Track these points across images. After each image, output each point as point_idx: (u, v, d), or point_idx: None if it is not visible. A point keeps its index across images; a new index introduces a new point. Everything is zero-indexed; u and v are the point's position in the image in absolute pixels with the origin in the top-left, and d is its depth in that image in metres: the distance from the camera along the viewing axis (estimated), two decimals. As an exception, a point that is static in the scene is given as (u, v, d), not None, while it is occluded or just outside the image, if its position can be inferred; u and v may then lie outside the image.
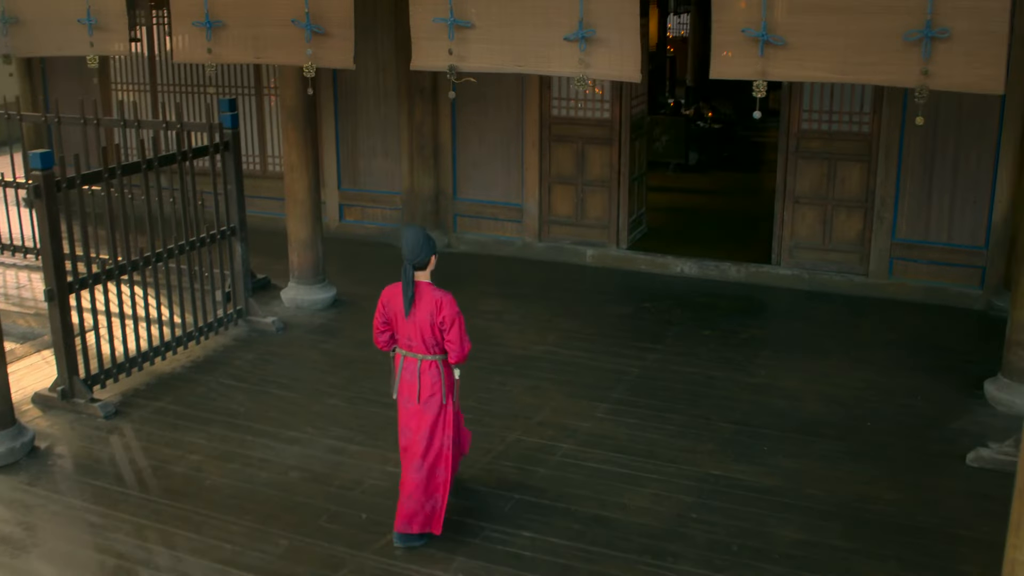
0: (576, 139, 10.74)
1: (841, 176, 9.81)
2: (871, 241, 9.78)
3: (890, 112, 9.43)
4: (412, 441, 5.40)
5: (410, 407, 5.40)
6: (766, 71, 6.00)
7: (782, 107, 9.92)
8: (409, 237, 5.24)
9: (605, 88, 10.53)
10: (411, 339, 5.32)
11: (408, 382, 5.39)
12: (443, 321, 5.24)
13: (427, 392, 5.36)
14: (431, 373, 5.35)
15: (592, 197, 10.83)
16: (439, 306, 5.23)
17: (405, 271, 5.22)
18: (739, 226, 12.13)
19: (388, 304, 5.37)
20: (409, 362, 5.38)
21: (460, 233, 11.43)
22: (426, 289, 5.28)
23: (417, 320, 5.26)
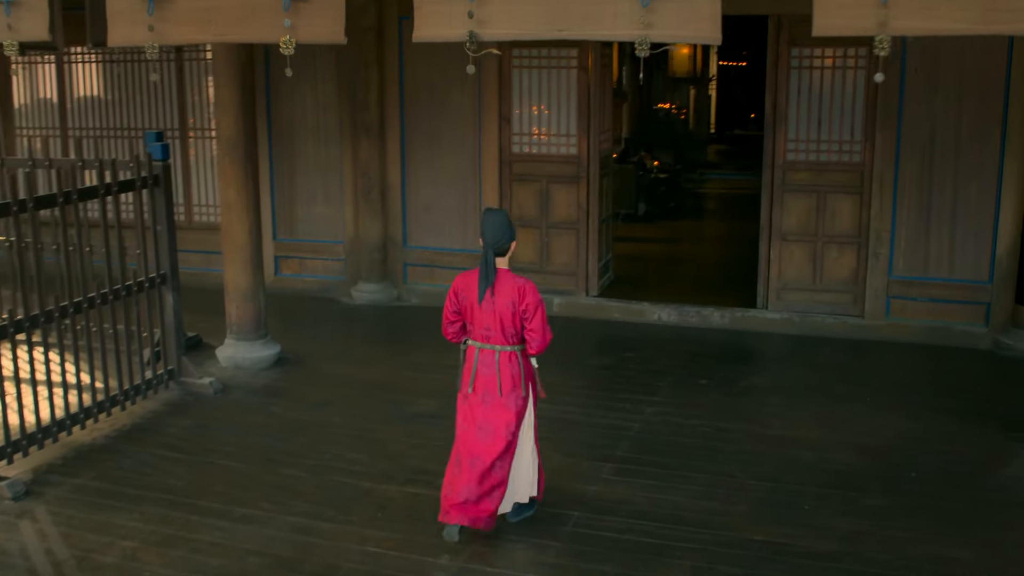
0: (539, 178, 9.85)
1: (832, 210, 9.08)
2: (866, 279, 9.03)
3: (883, 139, 8.76)
4: (495, 436, 5.16)
5: (490, 401, 5.18)
6: (888, 22, 4.94)
7: (765, 138, 9.18)
8: (492, 221, 5.05)
9: (571, 121, 9.69)
10: (489, 329, 5.11)
11: (487, 376, 5.17)
12: (526, 309, 5.05)
13: (508, 385, 5.16)
14: (511, 365, 5.16)
15: (558, 241, 9.91)
16: (522, 293, 5.04)
17: (486, 256, 5.02)
18: (711, 272, 11.42)
19: (461, 293, 5.17)
20: (486, 354, 5.16)
21: (411, 284, 10.37)
22: (506, 276, 5.08)
23: (497, 309, 5.05)
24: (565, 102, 9.67)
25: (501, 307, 5.05)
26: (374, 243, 10.23)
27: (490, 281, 5.01)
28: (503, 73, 9.70)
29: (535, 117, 9.77)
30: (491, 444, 5.15)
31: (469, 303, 5.14)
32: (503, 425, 5.15)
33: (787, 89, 8.99)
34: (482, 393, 5.18)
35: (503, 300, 5.04)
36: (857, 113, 8.88)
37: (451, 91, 9.87)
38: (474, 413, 5.19)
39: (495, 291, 5.03)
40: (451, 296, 5.22)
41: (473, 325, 5.17)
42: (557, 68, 9.63)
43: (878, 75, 5.05)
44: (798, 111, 9.02)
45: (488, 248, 5.02)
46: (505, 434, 5.16)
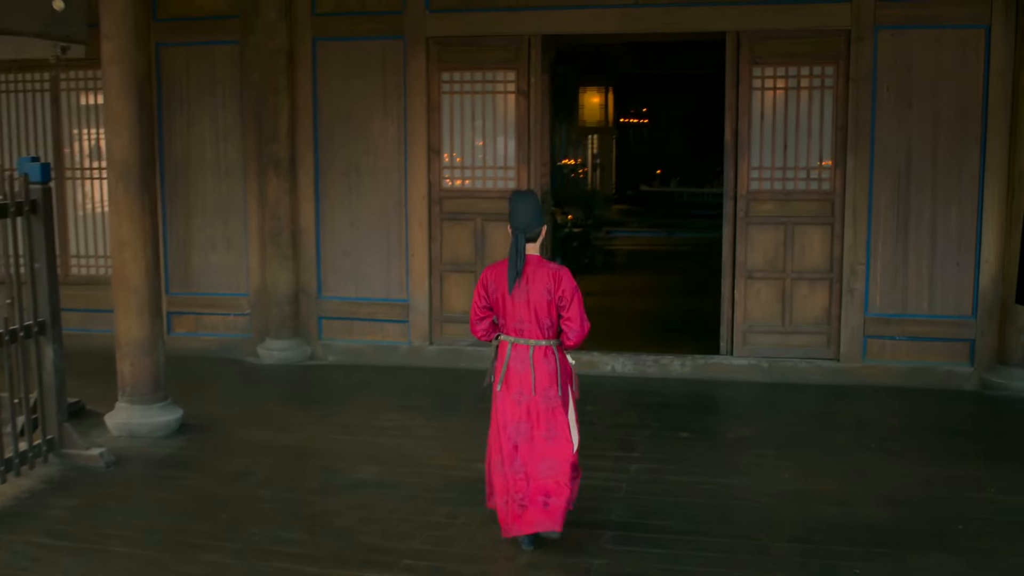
0: (474, 215, 8.79)
1: (800, 243, 8.28)
2: (840, 318, 8.22)
3: (855, 163, 8.03)
4: (532, 436, 4.84)
5: (524, 400, 4.83)
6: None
7: (726, 165, 8.36)
8: (522, 204, 4.80)
9: (509, 151, 8.70)
10: (522, 322, 4.80)
11: (520, 372, 4.82)
12: (563, 296, 4.74)
13: (544, 382, 4.82)
14: (547, 360, 4.83)
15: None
16: (557, 279, 4.74)
17: (516, 242, 4.72)
18: (653, 322, 10.53)
19: (492, 284, 4.85)
20: (519, 350, 4.83)
21: (328, 340, 9.12)
22: (538, 262, 4.80)
23: (531, 298, 4.75)
24: (502, 130, 8.69)
25: (535, 296, 4.74)
26: (284, 295, 8.96)
27: (520, 268, 4.71)
28: (432, 99, 8.68)
29: (469, 148, 8.76)
30: (533, 446, 4.85)
31: (500, 295, 4.83)
32: (543, 424, 4.85)
33: (748, 112, 8.22)
34: (515, 391, 4.85)
35: (537, 288, 4.73)
36: (826, 136, 8.15)
37: (372, 120, 8.78)
38: (511, 412, 4.88)
39: (527, 279, 4.73)
40: (479, 289, 4.91)
41: (505, 319, 4.86)
42: (493, 93, 8.67)
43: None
44: (761, 136, 8.24)
45: (518, 233, 4.74)
46: (548, 434, 4.84)
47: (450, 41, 8.62)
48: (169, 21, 8.93)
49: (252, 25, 8.74)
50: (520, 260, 4.74)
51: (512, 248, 4.76)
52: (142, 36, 6.64)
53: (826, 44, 8.06)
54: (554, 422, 4.84)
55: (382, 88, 8.73)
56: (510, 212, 4.81)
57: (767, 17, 8.05)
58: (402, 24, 8.59)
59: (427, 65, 8.63)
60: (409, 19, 8.57)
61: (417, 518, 5.45)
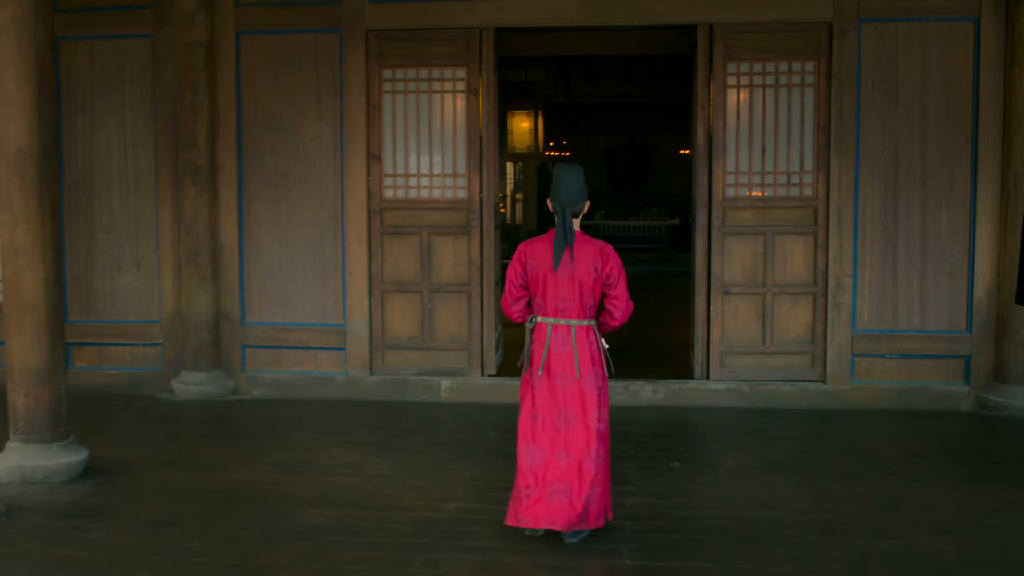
0: (419, 229, 7.88)
1: (782, 255, 7.59)
2: (826, 336, 7.53)
3: (839, 167, 7.40)
4: (580, 423, 4.59)
5: (569, 384, 4.59)
6: None
7: (697, 170, 7.64)
8: (568, 177, 4.54)
9: (459, 157, 7.83)
10: (565, 300, 4.57)
11: (561, 355, 4.59)
12: (611, 273, 4.56)
13: (587, 363, 4.61)
14: (590, 341, 4.63)
15: (444, 308, 7.91)
16: (604, 256, 4.54)
17: (564, 217, 4.47)
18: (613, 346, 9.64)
19: (531, 261, 4.57)
20: (560, 331, 4.60)
21: (253, 372, 8.05)
22: (583, 238, 4.56)
23: (577, 276, 4.52)
24: (451, 133, 7.83)
25: (582, 273, 4.52)
26: (202, 321, 7.88)
27: (569, 242, 4.45)
28: (372, 99, 7.78)
29: (413, 154, 7.86)
30: (577, 433, 4.59)
31: (542, 273, 4.57)
32: (587, 410, 4.60)
33: (723, 112, 7.53)
34: (558, 375, 4.60)
35: (583, 265, 4.52)
36: (807, 138, 7.50)
37: (304, 122, 7.83)
38: (552, 398, 4.61)
39: (574, 256, 4.49)
40: (515, 267, 4.63)
41: (545, 298, 4.61)
42: (441, 92, 7.81)
43: None
44: (737, 138, 7.56)
45: (564, 207, 4.49)
46: (591, 420, 4.60)
47: (393, 34, 7.75)
48: (70, 12, 7.85)
49: (167, 16, 7.73)
50: (570, 235, 4.47)
51: (559, 223, 4.49)
52: (42, 3, 5.60)
53: (806, 38, 7.45)
54: (600, 406, 4.63)
55: (316, 87, 7.79)
56: (554, 185, 4.55)
57: (742, 8, 7.41)
58: (339, 15, 7.69)
59: (367, 61, 7.74)
60: (347, 9, 7.68)
61: (389, 569, 4.48)
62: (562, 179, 4.54)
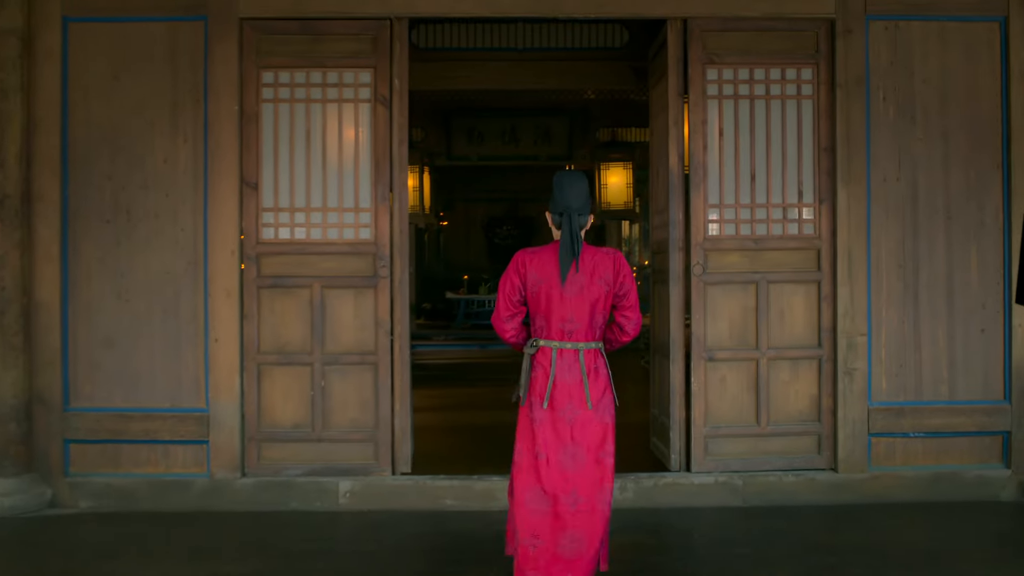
0: (310, 280, 5.97)
1: (778, 309, 6.00)
2: (836, 412, 5.95)
3: (848, 197, 5.93)
4: (591, 460, 3.97)
5: (577, 417, 3.98)
6: None
7: (670, 204, 6.02)
8: (571, 183, 4.02)
9: (362, 184, 5.99)
10: (572, 320, 3.98)
11: (569, 384, 3.99)
12: (623, 283, 4.02)
13: (598, 392, 4.02)
14: (599, 366, 4.04)
15: (343, 385, 5.98)
16: (616, 265, 4.01)
17: (571, 223, 3.96)
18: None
19: (533, 274, 3.99)
20: (566, 356, 4.00)
21: (80, 476, 5.90)
22: (588, 250, 4.01)
23: (588, 291, 3.97)
24: (352, 155, 6.01)
25: (593, 288, 3.97)
26: (9, 407, 5.72)
27: (577, 252, 3.94)
28: (247, 107, 5.91)
29: (302, 182, 5.99)
30: (588, 472, 3.97)
31: (544, 289, 3.98)
32: (598, 444, 4.00)
33: (703, 130, 5.97)
34: (564, 407, 3.98)
35: (595, 278, 3.98)
36: (806, 162, 6.01)
37: (155, 138, 5.89)
38: (557, 434, 3.98)
39: (583, 268, 3.96)
40: (512, 279, 4.02)
41: (549, 319, 4.00)
42: (339, 101, 5.99)
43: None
44: (721, 162, 6.00)
45: (571, 215, 3.97)
46: (604, 455, 4.01)
47: (276, 25, 5.94)
48: None
49: (-37, -7, 5.73)
50: (577, 244, 3.95)
51: (565, 231, 3.99)
52: None
53: (803, 39, 6.01)
54: (607, 440, 4.06)
55: (171, 91, 5.88)
56: (555, 193, 4.04)
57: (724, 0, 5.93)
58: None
59: (241, 59, 5.89)
60: (214, -10, 5.86)
61: None
62: (565, 184, 4.03)
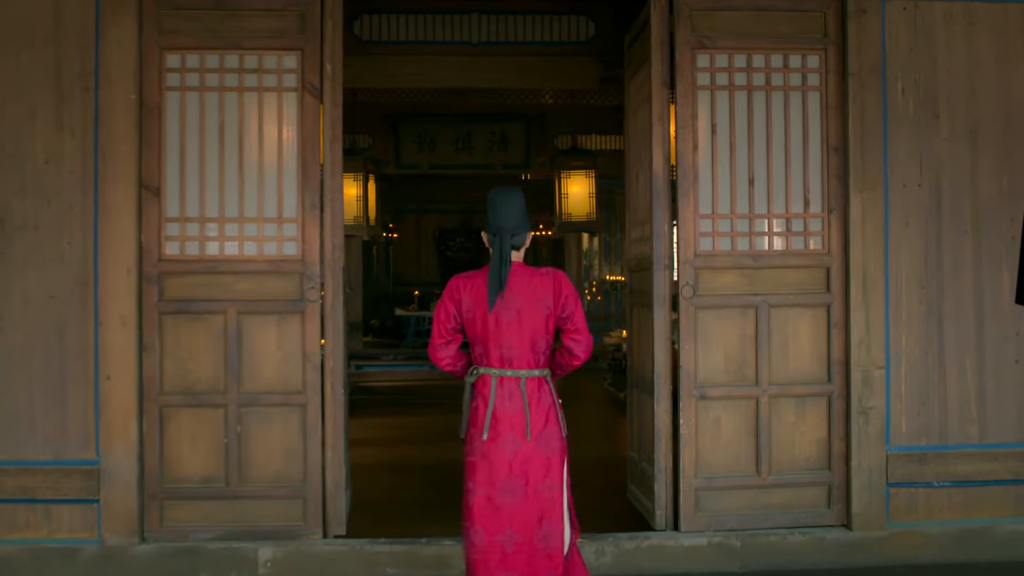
0: (224, 305, 4.95)
1: (782, 337, 5.10)
2: (849, 458, 5.06)
3: (863, 205, 5.05)
4: (525, 493, 3.66)
5: (519, 448, 3.68)
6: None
7: (654, 213, 5.10)
8: (507, 201, 3.75)
9: (286, 190, 5.01)
10: (510, 347, 3.71)
11: (509, 413, 3.70)
12: (566, 304, 3.73)
13: (540, 421, 3.72)
14: (542, 395, 3.74)
15: (264, 430, 4.96)
16: (556, 286, 3.72)
17: (501, 245, 3.69)
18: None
19: (467, 300, 3.74)
20: (506, 384, 3.72)
21: (-63, 546, 4.85)
22: (524, 271, 3.75)
23: (524, 317, 3.70)
24: (275, 155, 5.01)
25: (529, 313, 3.70)
26: None
27: (504, 277, 3.66)
28: (148, 97, 4.89)
29: (215, 185, 4.98)
30: (526, 508, 3.66)
31: (480, 314, 3.73)
32: (539, 478, 3.67)
33: (692, 127, 5.06)
34: (505, 438, 3.69)
35: (528, 301, 3.70)
36: (813, 164, 5.12)
37: (33, 134, 4.84)
38: (496, 468, 3.68)
39: (516, 293, 3.69)
40: (446, 306, 3.77)
41: (487, 345, 3.73)
42: (260, 90, 4.99)
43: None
44: (715, 164, 5.09)
45: (503, 236, 3.70)
46: (544, 488, 3.68)
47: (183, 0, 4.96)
48: None
49: None
50: (505, 267, 3.67)
51: (495, 253, 3.71)
52: None
53: (809, 20, 5.12)
54: (552, 472, 3.69)
55: (55, 78, 4.86)
56: (489, 212, 3.74)
57: (719, -30, 5.04)
58: (94, -36, 4.85)
59: (140, 39, 4.88)
60: (106, -45, 4.84)
61: None
62: (498, 203, 3.77)
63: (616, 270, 15.23)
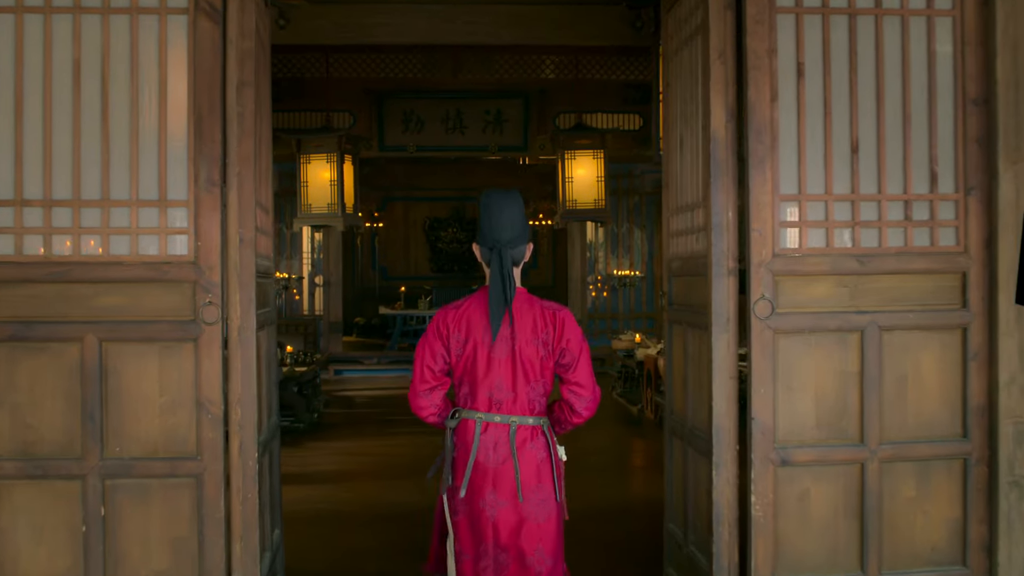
0: (80, 329, 3.36)
1: (897, 373, 3.51)
2: (994, 548, 3.49)
3: (1017, 180, 3.47)
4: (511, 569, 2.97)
5: (503, 509, 2.98)
6: None
7: (715, 195, 3.50)
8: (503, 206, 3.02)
9: (174, 159, 3.41)
10: (501, 388, 3.01)
11: (494, 466, 2.99)
12: (567, 348, 3.00)
13: (532, 480, 2.99)
14: (536, 448, 3.02)
15: (139, 512, 3.40)
16: (558, 324, 3.00)
17: (502, 263, 2.98)
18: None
19: (455, 334, 3.02)
20: (493, 432, 3.01)
21: None
22: (524, 300, 3.04)
23: (519, 353, 3.00)
24: (154, 104, 3.42)
25: (524, 348, 3.00)
26: None
27: (509, 299, 2.96)
28: (-41, 20, 3.32)
29: (66, 152, 3.39)
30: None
31: (469, 349, 3.02)
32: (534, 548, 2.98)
33: (771, 64, 3.46)
34: (487, 496, 2.99)
35: (526, 336, 3.01)
36: (942, 123, 3.53)
37: None
38: (477, 533, 2.99)
39: (510, 322, 2.99)
40: (431, 344, 3.03)
41: (474, 385, 3.04)
42: (133, 11, 3.40)
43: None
44: (801, 122, 3.49)
45: (502, 250, 2.99)
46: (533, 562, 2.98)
47: None
48: None
49: None
50: (510, 287, 2.96)
51: (495, 272, 2.99)
52: None
53: (938, -91, 3.54)
54: (544, 541, 2.99)
55: None
56: (483, 220, 3.05)
57: None
58: None
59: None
60: None
61: None
62: (494, 209, 3.02)
63: (624, 264, 13.70)
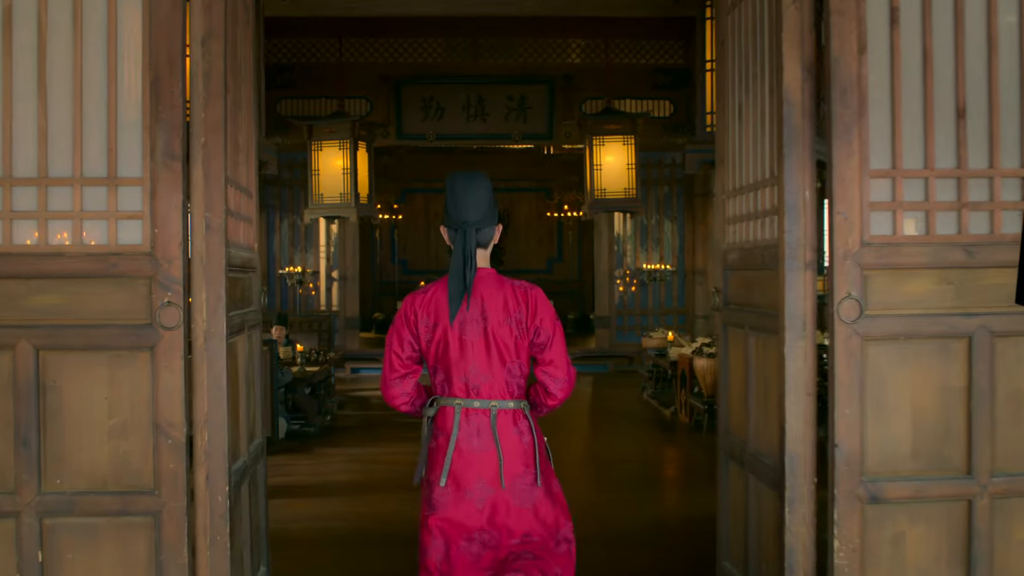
0: (12, 334, 2.77)
1: (1012, 388, 2.85)
2: None
3: None
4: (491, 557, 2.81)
5: (489, 497, 2.81)
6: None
7: (789, 169, 2.86)
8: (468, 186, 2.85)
9: (124, 133, 2.80)
10: (477, 372, 2.84)
11: (477, 454, 2.82)
12: (540, 327, 2.83)
13: (516, 465, 2.82)
14: (519, 431, 2.84)
15: (83, 560, 2.80)
16: (530, 303, 2.82)
17: (465, 242, 2.80)
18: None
19: (424, 319, 2.85)
20: (473, 419, 2.84)
21: None
22: (495, 279, 2.86)
23: (491, 334, 2.82)
24: (101, 60, 2.81)
25: (496, 329, 2.82)
26: None
27: (468, 284, 2.79)
28: None
29: (-10, 119, 2.80)
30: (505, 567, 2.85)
31: (440, 333, 2.84)
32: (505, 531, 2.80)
33: (858, 10, 2.81)
34: (473, 484, 2.81)
35: (498, 316, 2.82)
36: (1074, 80, 2.88)
37: None
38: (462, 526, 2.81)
39: (481, 304, 2.82)
40: (400, 331, 2.87)
41: (449, 371, 2.85)
42: (70, -56, 2.81)
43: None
44: (895, 81, 2.84)
45: (466, 231, 2.81)
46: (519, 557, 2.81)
47: None
48: None
49: None
50: (470, 268, 2.79)
51: (456, 252, 2.83)
52: None
53: None
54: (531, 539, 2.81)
55: None
56: (448, 201, 2.86)
57: None
58: None
59: None
60: None
61: None
62: (459, 190, 2.85)
63: (655, 257, 13.03)
